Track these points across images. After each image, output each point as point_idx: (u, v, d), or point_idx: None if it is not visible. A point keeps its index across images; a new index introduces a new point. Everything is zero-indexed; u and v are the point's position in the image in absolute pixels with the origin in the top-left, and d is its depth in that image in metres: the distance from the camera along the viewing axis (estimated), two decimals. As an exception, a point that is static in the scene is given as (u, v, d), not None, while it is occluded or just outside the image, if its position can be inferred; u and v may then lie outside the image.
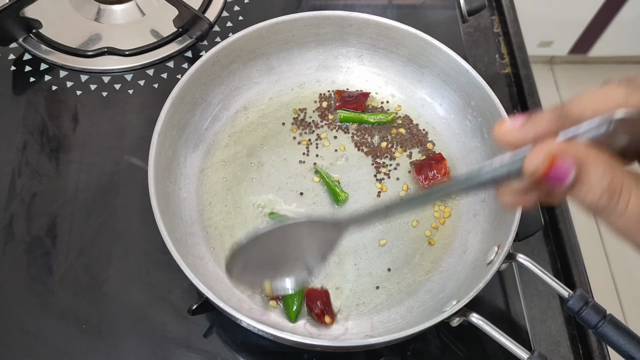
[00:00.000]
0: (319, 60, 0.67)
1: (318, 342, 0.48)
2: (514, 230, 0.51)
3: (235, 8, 0.77)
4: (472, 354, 0.57)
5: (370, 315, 0.56)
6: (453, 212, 0.61)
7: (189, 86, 0.59)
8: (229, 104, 0.65)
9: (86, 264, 0.59)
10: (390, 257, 0.59)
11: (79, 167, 0.64)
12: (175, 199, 0.58)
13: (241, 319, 0.47)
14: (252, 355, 0.56)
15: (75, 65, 0.70)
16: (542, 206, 0.66)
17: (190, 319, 0.57)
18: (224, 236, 0.59)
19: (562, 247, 0.64)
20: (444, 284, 0.57)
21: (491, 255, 0.53)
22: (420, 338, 0.58)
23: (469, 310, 0.49)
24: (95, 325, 0.56)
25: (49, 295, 0.57)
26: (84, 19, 0.73)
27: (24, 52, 0.71)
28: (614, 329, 0.48)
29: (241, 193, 0.61)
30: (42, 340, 0.55)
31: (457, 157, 0.64)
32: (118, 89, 0.69)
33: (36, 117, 0.67)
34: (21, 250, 0.59)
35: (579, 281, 0.62)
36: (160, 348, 0.55)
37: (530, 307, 0.61)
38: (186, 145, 0.61)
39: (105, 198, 0.63)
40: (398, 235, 0.60)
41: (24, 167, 0.64)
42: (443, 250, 0.59)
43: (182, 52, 0.72)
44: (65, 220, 0.61)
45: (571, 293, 0.50)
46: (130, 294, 0.58)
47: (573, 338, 0.60)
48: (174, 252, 0.49)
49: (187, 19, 0.71)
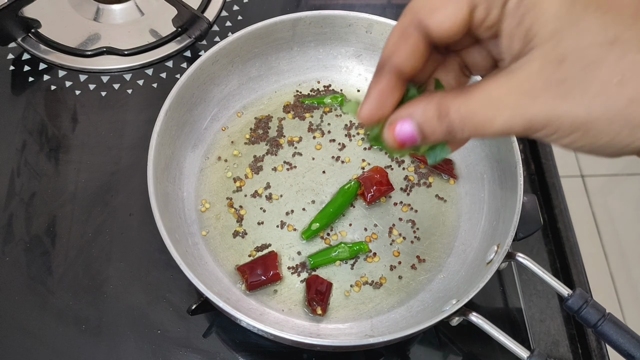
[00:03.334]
0: (318, 60, 0.67)
1: (318, 342, 0.48)
2: (513, 230, 0.51)
3: (235, 8, 0.76)
4: (472, 353, 0.57)
5: (370, 315, 0.56)
6: (453, 212, 0.61)
7: (188, 86, 0.59)
8: (228, 104, 0.65)
9: (85, 263, 0.59)
10: (390, 257, 0.59)
11: (78, 167, 0.64)
12: (174, 199, 0.58)
13: (241, 319, 0.47)
14: (251, 354, 0.56)
15: (74, 65, 0.70)
16: (540, 206, 0.66)
17: (190, 319, 0.57)
18: (223, 236, 0.59)
19: (561, 247, 0.64)
20: (443, 284, 0.57)
21: (491, 254, 0.53)
22: (420, 338, 0.58)
23: (468, 310, 0.49)
24: (95, 325, 0.56)
25: (49, 295, 0.57)
26: (82, 19, 0.73)
27: (22, 52, 0.71)
28: (613, 327, 0.48)
29: (241, 192, 0.61)
30: (41, 340, 0.55)
31: (457, 157, 0.64)
32: (117, 89, 0.69)
33: (35, 117, 0.67)
34: (20, 250, 0.59)
35: (578, 280, 0.62)
36: (159, 348, 0.55)
37: (529, 307, 0.61)
38: (185, 145, 0.61)
39: (105, 198, 0.62)
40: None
41: (23, 167, 0.64)
42: (443, 249, 0.59)
43: (181, 52, 0.72)
44: (64, 219, 0.61)
45: (571, 292, 0.50)
46: (129, 294, 0.58)
47: (572, 337, 0.60)
48: (174, 252, 0.49)
49: (186, 19, 0.71)
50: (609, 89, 0.24)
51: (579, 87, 0.25)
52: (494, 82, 0.27)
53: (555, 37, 0.25)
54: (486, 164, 0.61)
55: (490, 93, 0.26)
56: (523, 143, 0.71)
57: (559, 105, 0.25)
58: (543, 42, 0.25)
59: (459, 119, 0.27)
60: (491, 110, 0.26)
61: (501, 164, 0.58)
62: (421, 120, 0.28)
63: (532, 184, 0.68)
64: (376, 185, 0.60)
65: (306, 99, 0.66)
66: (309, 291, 0.56)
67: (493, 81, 0.27)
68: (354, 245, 0.58)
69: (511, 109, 0.26)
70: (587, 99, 0.25)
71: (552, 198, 0.67)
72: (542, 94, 0.25)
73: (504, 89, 0.26)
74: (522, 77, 0.26)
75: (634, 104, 0.24)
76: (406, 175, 0.63)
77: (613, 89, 0.24)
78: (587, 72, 0.24)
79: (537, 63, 0.26)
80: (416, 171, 0.63)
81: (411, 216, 0.61)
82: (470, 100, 0.27)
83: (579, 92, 0.25)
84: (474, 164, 0.63)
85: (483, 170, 0.61)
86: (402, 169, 0.63)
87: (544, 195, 0.67)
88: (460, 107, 0.27)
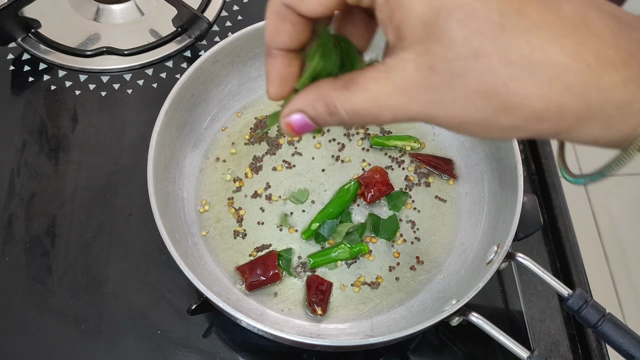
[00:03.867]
0: (318, 60, 0.67)
1: (318, 342, 0.48)
2: (513, 230, 0.51)
3: (235, 7, 0.76)
4: (472, 353, 0.57)
5: (370, 315, 0.56)
6: (453, 212, 0.61)
7: (188, 86, 0.59)
8: (228, 104, 0.65)
9: (85, 263, 0.59)
10: (390, 257, 0.59)
11: (78, 167, 0.64)
12: (174, 199, 0.58)
13: (240, 319, 0.47)
14: (251, 355, 0.56)
15: (74, 64, 0.70)
16: (541, 206, 0.66)
17: (190, 319, 0.57)
18: (223, 236, 0.59)
19: (561, 247, 0.64)
20: (443, 284, 0.57)
21: (491, 254, 0.53)
22: (419, 338, 0.58)
23: (468, 310, 0.49)
24: (95, 325, 0.56)
25: (48, 295, 0.57)
26: (82, 19, 0.73)
27: (22, 52, 0.71)
28: (613, 327, 0.48)
29: (240, 192, 0.61)
30: (41, 340, 0.55)
31: (457, 157, 0.64)
32: (117, 89, 0.69)
33: (35, 116, 0.67)
34: (20, 250, 0.59)
35: (578, 280, 0.62)
36: (159, 348, 0.55)
37: (529, 307, 0.61)
38: (185, 145, 0.61)
39: (104, 198, 0.62)
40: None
41: (23, 167, 0.64)
42: (443, 250, 0.59)
43: (181, 52, 0.72)
44: (64, 219, 0.61)
45: (571, 292, 0.50)
46: (129, 294, 0.58)
47: (572, 337, 0.60)
48: (174, 252, 0.49)
49: (186, 19, 0.71)
50: (475, 101, 0.26)
51: (449, 96, 0.26)
52: (373, 79, 0.27)
53: (424, 44, 0.26)
54: (486, 164, 0.61)
55: (371, 92, 0.27)
56: (523, 143, 0.71)
57: (434, 109, 0.26)
58: (413, 45, 0.26)
59: (346, 114, 0.28)
60: (375, 109, 0.27)
61: (501, 164, 0.58)
62: (312, 115, 0.30)
63: (532, 184, 0.68)
64: (376, 185, 0.60)
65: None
66: (309, 291, 0.56)
67: (371, 78, 0.27)
68: (355, 246, 0.58)
69: (393, 108, 0.27)
70: (457, 108, 0.26)
71: (552, 198, 0.67)
72: (418, 96, 0.26)
73: (383, 87, 0.27)
74: (399, 77, 0.27)
75: (500, 114, 0.26)
76: (406, 175, 0.63)
77: (479, 101, 0.25)
78: (455, 84, 0.25)
79: (410, 66, 0.26)
80: (416, 171, 0.63)
81: (411, 216, 0.61)
82: (354, 99, 0.28)
83: (450, 100, 0.26)
84: (474, 164, 0.63)
85: (483, 170, 0.61)
86: (402, 169, 0.63)
87: (544, 195, 0.67)
88: (345, 104, 0.28)
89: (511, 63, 0.24)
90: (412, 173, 0.63)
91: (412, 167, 0.63)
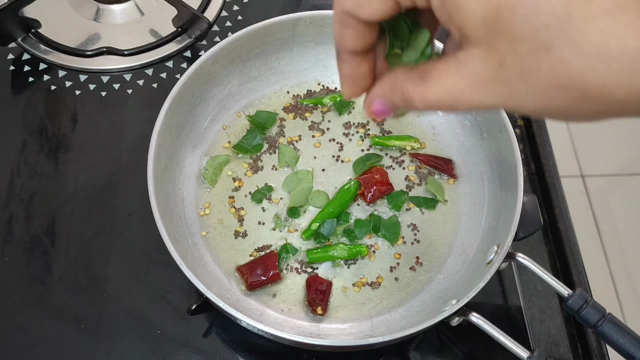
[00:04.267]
0: (318, 60, 0.67)
1: (318, 342, 0.48)
2: (513, 230, 0.51)
3: (235, 8, 0.76)
4: (472, 353, 0.57)
5: (370, 315, 0.56)
6: (453, 212, 0.61)
7: (188, 86, 0.59)
8: (228, 104, 0.65)
9: (85, 263, 0.59)
10: (390, 257, 0.59)
11: (78, 167, 0.64)
12: (174, 199, 0.58)
13: (241, 319, 0.47)
14: (251, 355, 0.56)
15: (74, 65, 0.70)
16: (541, 206, 0.66)
17: (190, 319, 0.57)
18: (223, 236, 0.59)
19: (562, 247, 0.64)
20: (443, 284, 0.57)
21: (491, 254, 0.53)
22: (420, 338, 0.58)
23: (468, 310, 0.49)
24: (95, 325, 0.56)
25: (48, 295, 0.57)
26: (83, 19, 0.73)
27: (22, 52, 0.71)
28: (613, 328, 0.48)
29: (240, 192, 0.61)
30: (41, 340, 0.55)
31: (457, 157, 0.64)
32: (117, 89, 0.69)
33: (35, 116, 0.67)
34: (20, 250, 0.59)
35: (578, 280, 0.62)
36: (159, 348, 0.55)
37: (529, 307, 0.61)
38: (185, 145, 0.61)
39: (104, 198, 0.62)
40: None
41: (23, 167, 0.64)
42: (443, 250, 0.59)
43: (181, 52, 0.72)
44: (64, 219, 0.61)
45: (571, 292, 0.50)
46: (129, 294, 0.58)
47: (572, 337, 0.60)
48: (174, 252, 0.49)
49: (186, 19, 0.71)
50: (551, 93, 0.25)
51: (523, 89, 0.26)
52: (446, 73, 0.28)
53: (489, 41, 0.26)
54: (486, 164, 0.61)
55: (445, 85, 0.28)
56: (523, 143, 0.71)
57: (509, 102, 0.27)
58: (478, 42, 0.26)
59: (422, 105, 0.29)
60: (450, 101, 0.28)
61: (501, 164, 0.58)
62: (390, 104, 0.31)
63: (532, 184, 0.68)
64: (376, 185, 0.60)
65: (305, 100, 0.66)
66: (309, 291, 0.56)
67: (444, 72, 0.28)
68: (353, 247, 0.58)
69: (467, 101, 0.28)
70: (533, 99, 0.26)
71: (552, 198, 0.67)
72: (491, 91, 0.27)
73: (456, 80, 0.28)
74: (469, 72, 0.27)
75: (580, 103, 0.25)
76: (406, 175, 0.63)
77: (555, 93, 0.25)
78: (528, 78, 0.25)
79: (479, 61, 0.26)
80: (416, 171, 0.63)
81: (411, 217, 0.61)
82: (429, 91, 0.29)
83: (524, 93, 0.26)
84: (474, 164, 0.63)
85: (483, 170, 0.61)
86: (402, 168, 0.63)
87: (544, 195, 0.67)
88: (420, 96, 0.29)
89: (584, 54, 0.24)
90: (412, 173, 0.63)
91: (412, 167, 0.63)
